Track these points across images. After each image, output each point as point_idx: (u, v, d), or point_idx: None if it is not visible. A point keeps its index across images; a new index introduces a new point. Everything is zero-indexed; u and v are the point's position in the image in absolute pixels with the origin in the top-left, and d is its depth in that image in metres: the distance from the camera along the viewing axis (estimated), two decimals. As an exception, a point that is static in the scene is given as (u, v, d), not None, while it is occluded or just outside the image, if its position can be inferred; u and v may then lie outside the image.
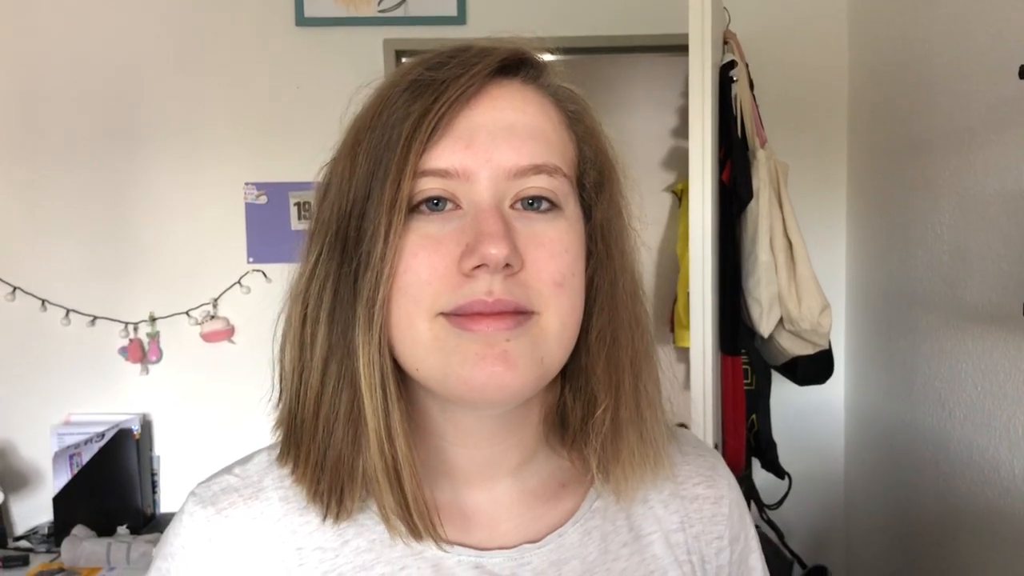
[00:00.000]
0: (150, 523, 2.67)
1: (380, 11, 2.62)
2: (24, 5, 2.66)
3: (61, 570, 2.37)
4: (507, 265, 0.58)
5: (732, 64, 2.15)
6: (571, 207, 0.64)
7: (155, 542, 2.39)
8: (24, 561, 2.44)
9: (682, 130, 3.98)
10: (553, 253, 0.61)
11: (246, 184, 2.68)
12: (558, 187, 0.62)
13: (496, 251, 0.57)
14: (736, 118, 2.15)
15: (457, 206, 0.60)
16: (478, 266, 0.58)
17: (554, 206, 0.62)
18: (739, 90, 2.16)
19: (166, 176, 2.69)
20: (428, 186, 0.60)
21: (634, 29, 2.67)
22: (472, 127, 0.61)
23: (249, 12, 2.66)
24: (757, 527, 2.17)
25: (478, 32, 2.63)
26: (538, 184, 0.61)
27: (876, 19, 2.51)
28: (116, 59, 2.68)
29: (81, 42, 2.68)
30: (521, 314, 0.59)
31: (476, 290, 0.58)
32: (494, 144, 0.60)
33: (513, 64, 0.64)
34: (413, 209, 0.60)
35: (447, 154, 0.60)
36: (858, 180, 2.66)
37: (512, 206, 0.61)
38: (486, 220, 0.59)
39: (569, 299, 0.62)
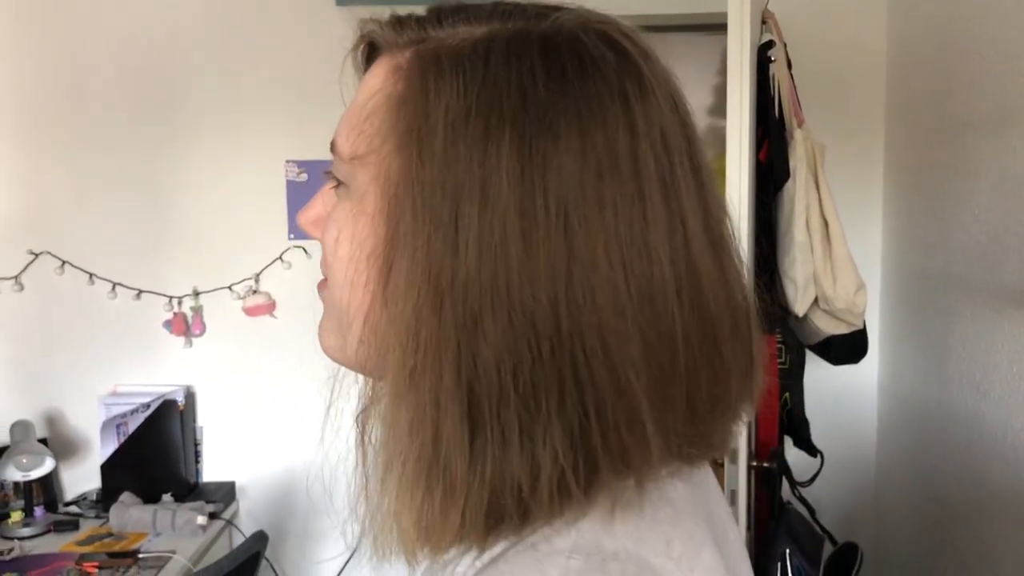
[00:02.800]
0: (193, 491, 2.75)
1: (419, -10, 2.64)
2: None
3: (109, 534, 2.46)
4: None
5: (770, 44, 2.15)
6: (361, 186, 0.54)
7: (199, 510, 2.46)
8: (75, 526, 2.53)
9: (717, 109, 3.96)
10: (324, 233, 0.58)
11: (287, 162, 2.73)
12: (339, 167, 0.56)
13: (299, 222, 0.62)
14: (774, 98, 2.16)
15: None
16: None
17: (344, 186, 0.56)
18: (777, 70, 2.16)
19: (209, 154, 2.75)
20: None
21: (669, 8, 2.67)
22: None
23: (291, -9, 2.70)
24: (789, 503, 2.20)
25: (516, 11, 2.65)
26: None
27: (916, -2, 2.49)
28: (160, 38, 2.73)
29: (125, 21, 2.73)
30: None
31: None
32: None
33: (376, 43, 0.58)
34: None
35: None
36: (895, 160, 2.66)
37: None
38: None
39: (333, 283, 0.57)
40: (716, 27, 2.52)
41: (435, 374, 0.48)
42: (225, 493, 2.74)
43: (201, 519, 2.44)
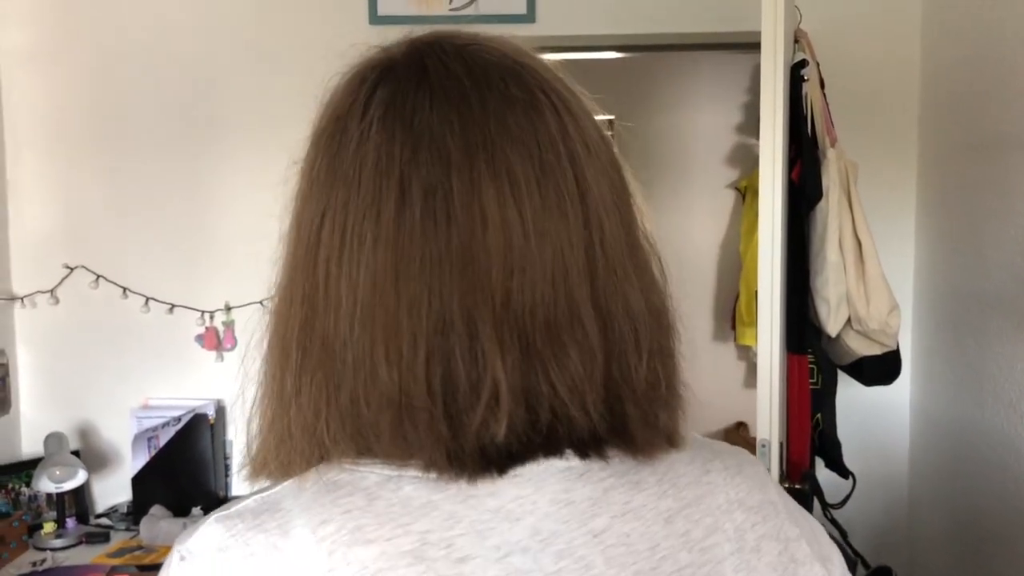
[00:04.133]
0: (222, 505, 2.75)
1: (451, 10, 2.67)
2: (104, 2, 2.77)
3: (139, 547, 2.47)
4: None
5: (803, 63, 2.15)
6: None
7: (228, 523, 2.47)
8: (105, 538, 2.55)
9: (746, 127, 3.96)
10: None
11: (319, 178, 2.75)
12: None
13: None
14: (806, 117, 2.15)
15: None
16: None
17: None
18: (810, 89, 2.15)
19: (242, 170, 2.78)
20: None
21: (700, 26, 2.67)
22: None
23: (324, 10, 2.72)
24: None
25: (547, 31, 2.67)
26: None
27: (950, 14, 2.47)
28: (194, 56, 2.77)
29: (160, 38, 2.77)
30: None
31: None
32: None
33: None
34: None
35: None
36: (928, 178, 2.63)
37: None
38: None
39: None
40: (746, 46, 2.52)
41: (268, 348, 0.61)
42: (254, 507, 2.75)
43: (230, 533, 2.44)
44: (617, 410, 0.55)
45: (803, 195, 2.16)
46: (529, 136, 0.55)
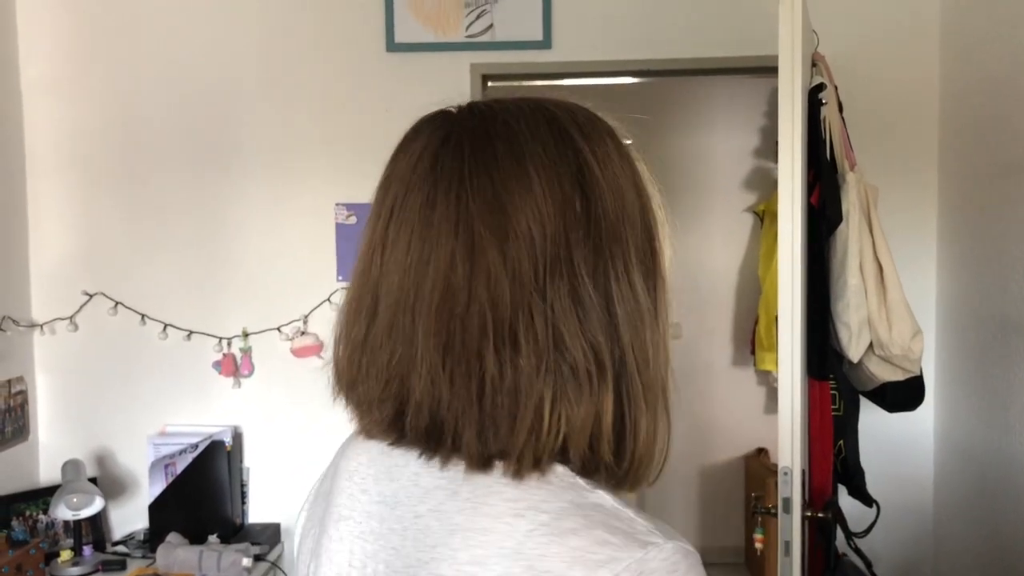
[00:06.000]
0: (239, 532, 2.75)
1: (467, 36, 2.68)
2: (124, 33, 2.80)
3: (156, 575, 2.46)
4: None
5: (821, 87, 2.14)
6: None
7: (244, 551, 2.46)
8: (122, 565, 2.54)
9: (763, 150, 3.96)
10: None
11: (336, 205, 2.76)
12: None
13: None
14: (825, 141, 2.14)
15: None
16: None
17: None
18: (828, 113, 2.14)
19: (261, 197, 2.79)
20: None
21: (717, 51, 2.67)
22: None
23: (343, 38, 2.74)
24: (844, 555, 2.13)
25: (563, 57, 2.67)
26: None
27: (969, 38, 2.46)
28: (213, 84, 2.79)
29: (180, 68, 2.80)
30: None
31: None
32: None
33: None
34: None
35: None
36: (949, 202, 2.61)
37: None
38: None
39: None
40: (763, 70, 2.52)
41: None
42: (271, 535, 2.74)
43: (246, 561, 2.43)
44: (401, 415, 0.68)
45: (823, 219, 2.14)
46: (449, 191, 0.67)
